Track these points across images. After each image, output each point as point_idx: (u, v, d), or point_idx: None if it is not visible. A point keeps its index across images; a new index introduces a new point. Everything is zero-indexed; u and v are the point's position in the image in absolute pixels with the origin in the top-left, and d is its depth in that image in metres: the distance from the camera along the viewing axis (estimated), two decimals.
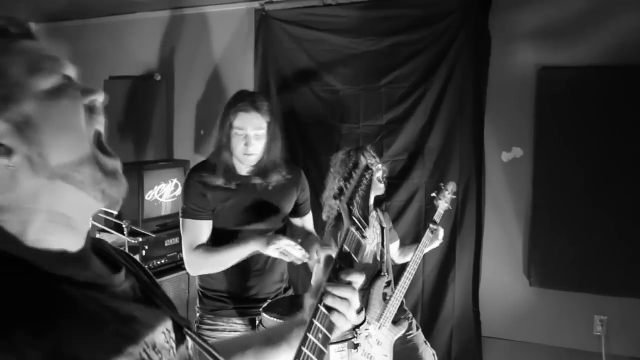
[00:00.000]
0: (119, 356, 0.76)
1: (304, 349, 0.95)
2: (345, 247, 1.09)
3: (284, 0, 4.46)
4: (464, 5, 3.96)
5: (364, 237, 1.12)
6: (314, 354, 0.95)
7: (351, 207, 1.13)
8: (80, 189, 0.81)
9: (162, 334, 0.88)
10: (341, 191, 1.14)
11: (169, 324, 0.91)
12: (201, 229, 2.55)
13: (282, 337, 1.15)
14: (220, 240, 2.57)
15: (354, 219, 1.12)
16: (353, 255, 1.09)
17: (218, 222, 2.59)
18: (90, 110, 0.84)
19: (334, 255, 1.09)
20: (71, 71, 0.85)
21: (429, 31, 4.08)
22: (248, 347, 1.17)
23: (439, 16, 4.05)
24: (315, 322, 0.99)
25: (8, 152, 0.75)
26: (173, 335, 0.91)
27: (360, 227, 1.12)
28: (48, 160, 0.77)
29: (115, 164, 0.86)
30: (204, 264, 2.54)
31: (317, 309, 1.01)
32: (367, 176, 1.22)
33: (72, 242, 0.83)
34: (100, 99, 0.86)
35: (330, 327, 1.01)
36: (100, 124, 0.86)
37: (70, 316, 0.73)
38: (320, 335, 0.98)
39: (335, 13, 4.31)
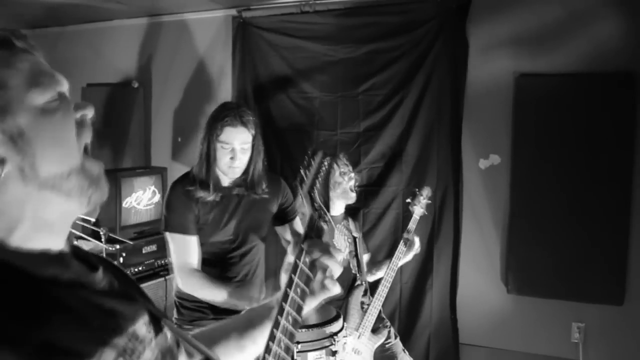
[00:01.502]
0: (105, 347, 0.80)
1: (277, 332, 1.00)
2: (310, 234, 1.14)
3: (261, 7, 4.46)
4: (442, 12, 3.97)
5: (325, 222, 1.18)
6: (285, 335, 1.01)
7: (312, 194, 1.18)
8: (67, 197, 0.85)
9: (144, 325, 0.91)
10: (301, 180, 1.20)
11: (147, 317, 0.95)
12: (192, 245, 2.54)
13: (263, 318, 1.20)
14: (204, 253, 2.57)
15: (315, 205, 1.17)
16: None
17: (201, 234, 2.57)
18: (81, 124, 0.88)
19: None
20: (65, 87, 0.89)
21: (406, 38, 4.08)
22: (230, 332, 1.24)
23: (416, 23, 4.05)
24: (286, 306, 1.03)
25: (0, 161, 0.78)
26: (152, 327, 0.95)
27: (322, 213, 1.18)
28: (38, 171, 0.81)
29: (100, 168, 0.90)
30: (199, 293, 2.53)
31: (286, 293, 1.04)
32: (325, 163, 1.26)
33: (53, 244, 0.86)
34: (90, 113, 0.90)
35: (300, 310, 1.05)
36: (89, 137, 0.90)
37: (58, 313, 0.76)
38: (290, 318, 1.03)
39: (312, 20, 4.31)
